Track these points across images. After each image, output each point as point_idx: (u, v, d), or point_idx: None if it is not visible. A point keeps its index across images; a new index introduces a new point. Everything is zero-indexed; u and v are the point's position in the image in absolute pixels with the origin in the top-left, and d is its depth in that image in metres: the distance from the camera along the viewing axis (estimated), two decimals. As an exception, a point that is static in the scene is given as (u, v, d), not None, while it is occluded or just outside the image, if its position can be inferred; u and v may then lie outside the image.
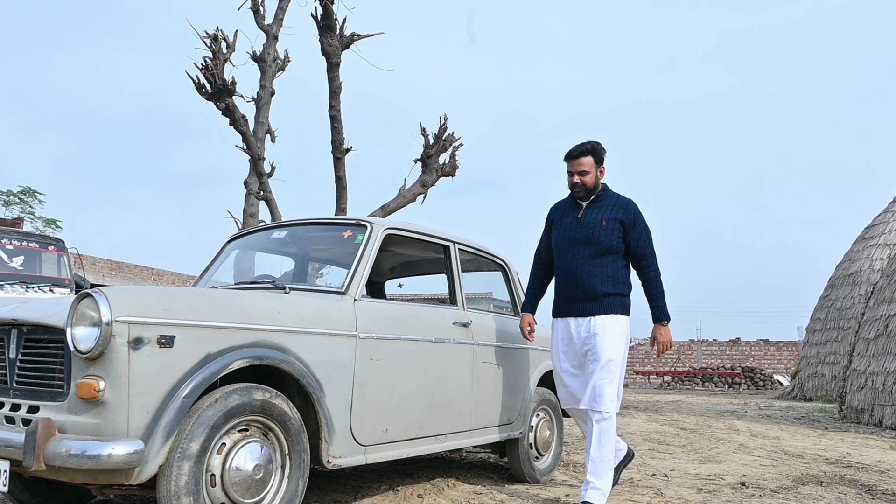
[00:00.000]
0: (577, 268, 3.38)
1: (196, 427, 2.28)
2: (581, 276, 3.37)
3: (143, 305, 2.22)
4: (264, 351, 2.52)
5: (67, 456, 2.09)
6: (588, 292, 3.35)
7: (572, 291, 3.40)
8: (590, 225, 3.40)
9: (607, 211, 3.41)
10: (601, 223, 3.38)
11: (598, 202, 3.46)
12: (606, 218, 3.38)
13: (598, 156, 3.44)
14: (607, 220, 3.37)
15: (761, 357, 23.91)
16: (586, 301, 3.36)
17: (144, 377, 2.18)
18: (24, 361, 2.43)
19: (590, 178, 3.42)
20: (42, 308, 2.44)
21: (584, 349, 3.36)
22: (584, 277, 3.36)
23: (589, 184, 3.43)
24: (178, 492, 2.23)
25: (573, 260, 3.41)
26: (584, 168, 3.42)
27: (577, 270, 3.39)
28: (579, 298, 3.38)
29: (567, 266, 3.43)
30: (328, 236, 3.52)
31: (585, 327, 3.35)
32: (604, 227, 3.36)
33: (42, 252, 11.21)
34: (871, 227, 13.99)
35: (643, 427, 7.72)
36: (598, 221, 3.39)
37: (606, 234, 3.35)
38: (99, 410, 2.15)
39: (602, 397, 3.22)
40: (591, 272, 3.36)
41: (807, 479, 4.31)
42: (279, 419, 2.56)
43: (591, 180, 3.43)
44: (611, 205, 3.43)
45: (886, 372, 8.03)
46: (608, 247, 3.36)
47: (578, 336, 3.38)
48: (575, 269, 3.39)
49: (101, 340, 2.12)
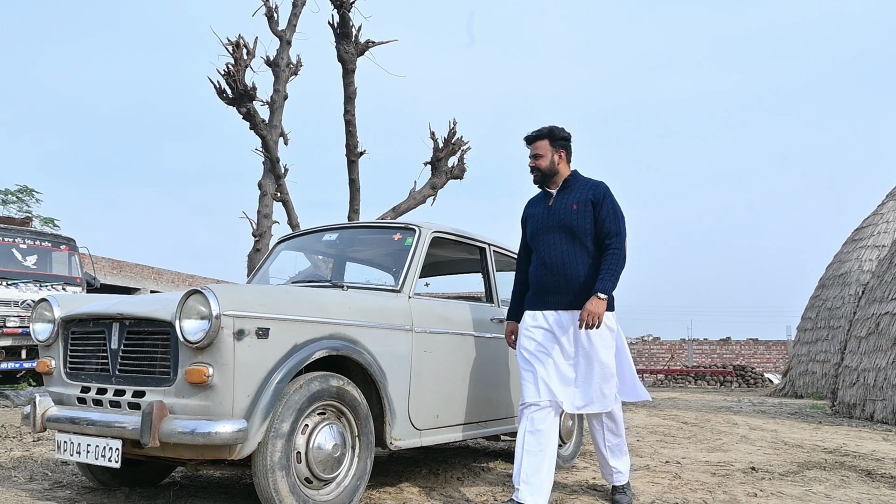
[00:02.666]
0: (553, 257, 3.21)
1: (286, 409, 2.57)
2: (557, 266, 3.19)
3: (243, 301, 2.50)
4: (339, 343, 2.81)
5: (180, 433, 2.37)
6: (566, 283, 3.16)
7: (552, 281, 3.20)
8: (561, 211, 3.24)
9: (577, 194, 3.25)
10: (572, 207, 3.22)
11: (568, 188, 3.30)
12: (577, 201, 3.22)
13: (554, 140, 3.29)
14: (578, 203, 3.22)
15: (751, 356, 24.36)
16: (567, 292, 3.16)
17: (246, 364, 2.47)
18: (126, 351, 2.71)
19: (544, 162, 3.27)
20: (145, 303, 2.72)
21: (573, 349, 3.16)
22: (560, 267, 3.18)
23: (543, 167, 3.28)
24: (272, 466, 2.52)
25: (547, 249, 3.23)
26: (539, 152, 3.28)
27: (552, 260, 3.21)
28: (560, 289, 3.17)
29: (541, 256, 3.26)
30: (379, 239, 3.81)
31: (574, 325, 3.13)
32: (575, 212, 3.20)
33: (54, 251, 11.40)
34: (861, 230, 14.41)
35: (647, 421, 8.05)
36: (568, 206, 3.23)
37: (579, 217, 3.19)
38: (207, 393, 2.43)
39: (607, 398, 3.15)
40: (569, 259, 3.18)
41: (810, 465, 4.64)
42: (350, 404, 2.85)
43: (546, 164, 3.28)
44: (581, 188, 3.28)
45: (878, 368, 8.40)
46: (583, 230, 3.18)
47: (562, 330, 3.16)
48: (550, 258, 3.22)
49: (210, 332, 2.40)
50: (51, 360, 2.97)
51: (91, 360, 2.85)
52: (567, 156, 3.34)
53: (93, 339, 2.85)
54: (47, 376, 3.00)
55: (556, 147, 3.30)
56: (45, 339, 2.99)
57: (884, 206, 14.31)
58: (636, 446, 5.61)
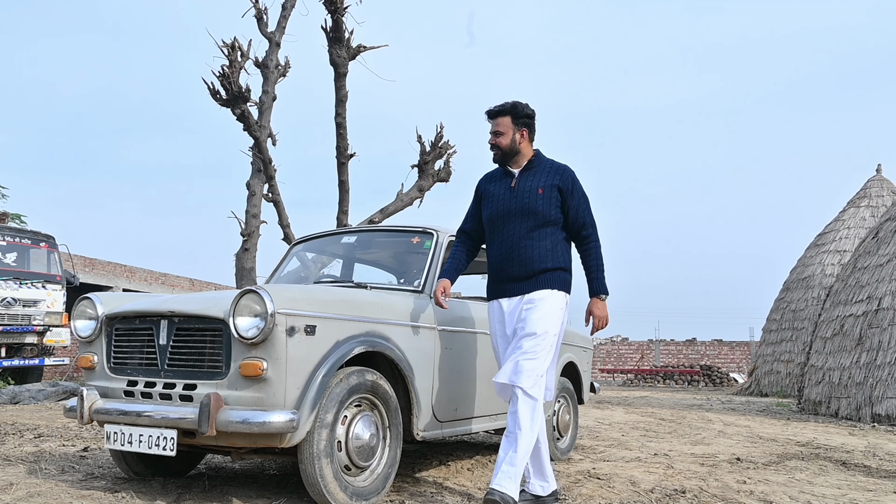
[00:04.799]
0: (514, 243, 3.06)
1: (329, 401, 2.76)
2: (517, 252, 3.06)
3: (294, 300, 2.69)
4: (374, 340, 3.01)
5: (237, 423, 2.55)
6: (525, 269, 3.05)
7: (508, 270, 3.08)
8: (525, 194, 3.07)
9: (543, 178, 3.09)
10: (537, 191, 3.05)
11: (532, 169, 3.13)
12: (543, 185, 3.06)
13: (517, 117, 3.11)
14: (544, 187, 3.05)
15: (716, 356, 25.05)
16: (522, 279, 3.05)
17: (296, 359, 2.66)
18: (175, 347, 2.87)
19: (504, 140, 3.12)
20: (194, 301, 2.88)
21: (515, 327, 3.06)
22: (521, 252, 3.05)
23: (503, 145, 3.12)
24: (318, 454, 2.71)
25: (508, 235, 3.08)
26: (500, 129, 3.12)
27: (513, 246, 3.07)
28: (515, 277, 3.06)
29: (501, 242, 3.11)
30: (397, 242, 4.01)
31: (517, 304, 3.06)
32: (540, 196, 3.04)
33: (33, 248, 11.31)
34: (823, 235, 15.03)
35: (626, 418, 8.37)
36: (533, 190, 3.06)
37: (544, 203, 3.04)
38: (261, 386, 2.62)
39: (522, 372, 2.86)
40: (529, 247, 3.04)
41: (788, 456, 4.98)
42: (383, 397, 3.05)
43: (507, 142, 3.12)
44: (546, 171, 3.11)
45: (842, 368, 8.87)
46: (547, 217, 3.05)
47: (511, 316, 3.09)
48: (511, 244, 3.07)
49: (266, 329, 2.58)
50: (93, 356, 3.11)
51: (137, 355, 2.99)
52: (530, 135, 3.17)
53: (139, 336, 3.00)
54: (89, 371, 3.14)
55: (519, 125, 3.12)
56: (88, 335, 3.13)
57: (845, 212, 14.96)
58: (623, 440, 5.90)
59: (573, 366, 4.93)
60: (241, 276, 9.12)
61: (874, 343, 8.39)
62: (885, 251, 9.02)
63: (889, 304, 8.42)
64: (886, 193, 14.62)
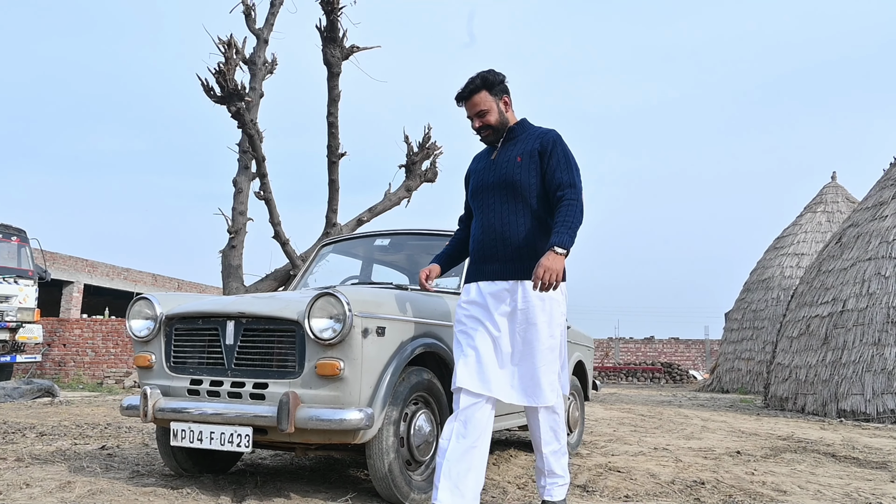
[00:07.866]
0: (495, 217, 2.77)
1: (395, 399, 2.90)
2: (500, 228, 2.75)
3: (366, 303, 2.81)
4: (431, 340, 3.15)
5: (316, 420, 2.66)
6: (507, 246, 2.73)
7: (491, 248, 2.76)
8: (503, 165, 2.79)
9: (522, 145, 2.80)
10: (515, 160, 2.76)
11: (514, 139, 2.84)
12: (521, 153, 2.77)
13: (492, 87, 2.78)
14: (522, 154, 2.76)
15: (672, 354, 25.81)
16: (506, 260, 2.73)
17: (370, 359, 2.78)
18: (243, 347, 2.95)
19: (493, 117, 2.80)
20: (264, 303, 2.97)
21: (513, 326, 2.68)
22: (504, 228, 2.74)
23: (494, 123, 2.81)
24: (387, 450, 2.84)
25: (488, 208, 2.80)
26: (483, 107, 2.78)
27: (494, 220, 2.77)
28: (498, 256, 2.74)
29: (482, 217, 2.83)
30: (430, 245, 4.14)
31: (512, 297, 2.69)
32: (518, 164, 2.75)
33: (3, 243, 11.02)
34: (782, 238, 15.71)
35: (608, 414, 8.67)
36: (512, 159, 2.78)
37: (524, 171, 2.74)
38: (337, 385, 2.73)
39: (542, 389, 2.64)
40: (513, 221, 2.74)
41: (780, 449, 5.30)
42: (435, 395, 3.20)
43: (496, 118, 2.80)
44: (527, 138, 2.82)
45: (808, 365, 9.35)
46: (527, 186, 2.73)
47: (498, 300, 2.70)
48: (492, 218, 2.78)
49: (343, 330, 2.70)
50: (151, 355, 3.16)
51: (200, 354, 3.07)
52: (510, 100, 2.86)
53: (202, 336, 3.07)
54: (145, 370, 3.19)
55: (498, 94, 2.80)
56: (145, 335, 3.18)
57: (802, 217, 15.66)
58: (617, 436, 6.16)
59: (581, 365, 5.16)
60: (227, 273, 9.09)
61: (839, 342, 8.89)
62: (849, 255, 9.54)
63: (854, 305, 8.92)
64: (841, 199, 15.37)
